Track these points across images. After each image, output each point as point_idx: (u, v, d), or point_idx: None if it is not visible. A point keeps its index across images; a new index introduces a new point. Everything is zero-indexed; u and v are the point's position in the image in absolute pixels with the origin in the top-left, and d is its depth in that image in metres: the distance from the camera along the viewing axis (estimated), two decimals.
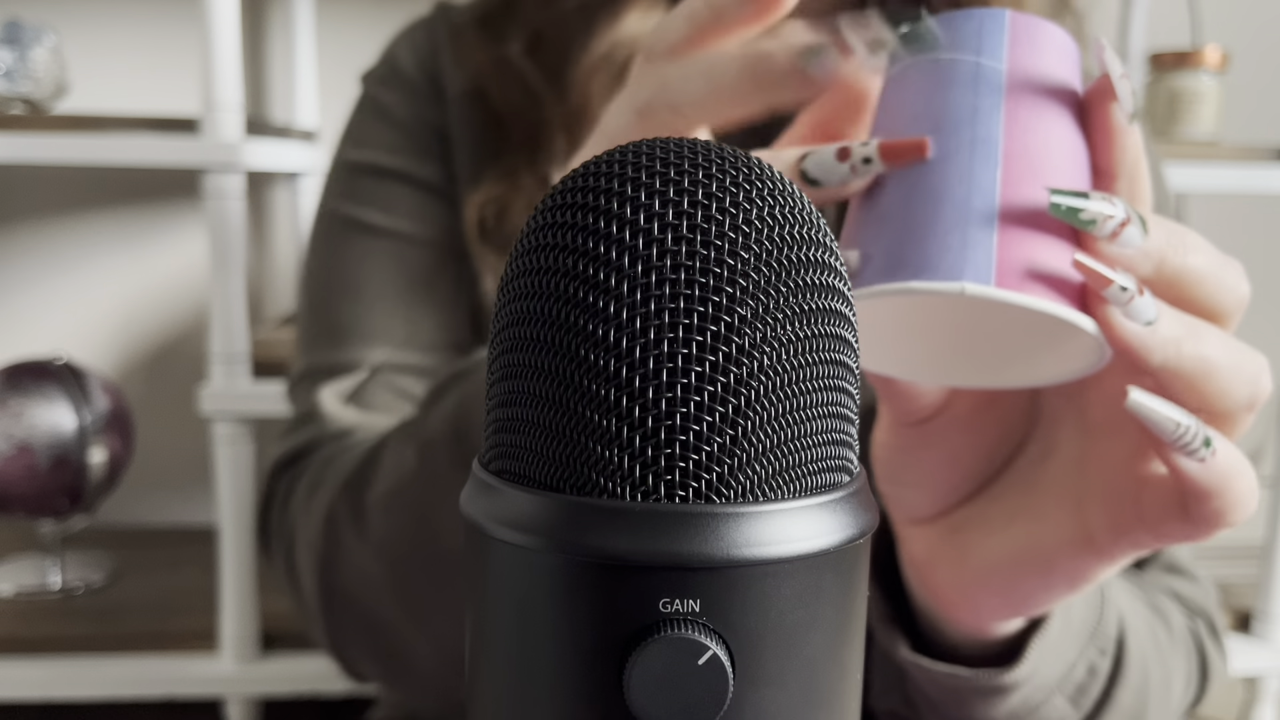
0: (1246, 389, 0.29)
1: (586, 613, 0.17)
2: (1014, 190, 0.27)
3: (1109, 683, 0.41)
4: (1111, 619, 0.41)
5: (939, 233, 0.27)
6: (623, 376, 0.17)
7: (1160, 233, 0.27)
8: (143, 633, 1.04)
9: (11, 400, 1.00)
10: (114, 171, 1.27)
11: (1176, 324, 0.27)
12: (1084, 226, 0.27)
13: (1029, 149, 0.28)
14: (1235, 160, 1.10)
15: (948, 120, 0.28)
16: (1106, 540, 0.32)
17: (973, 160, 0.28)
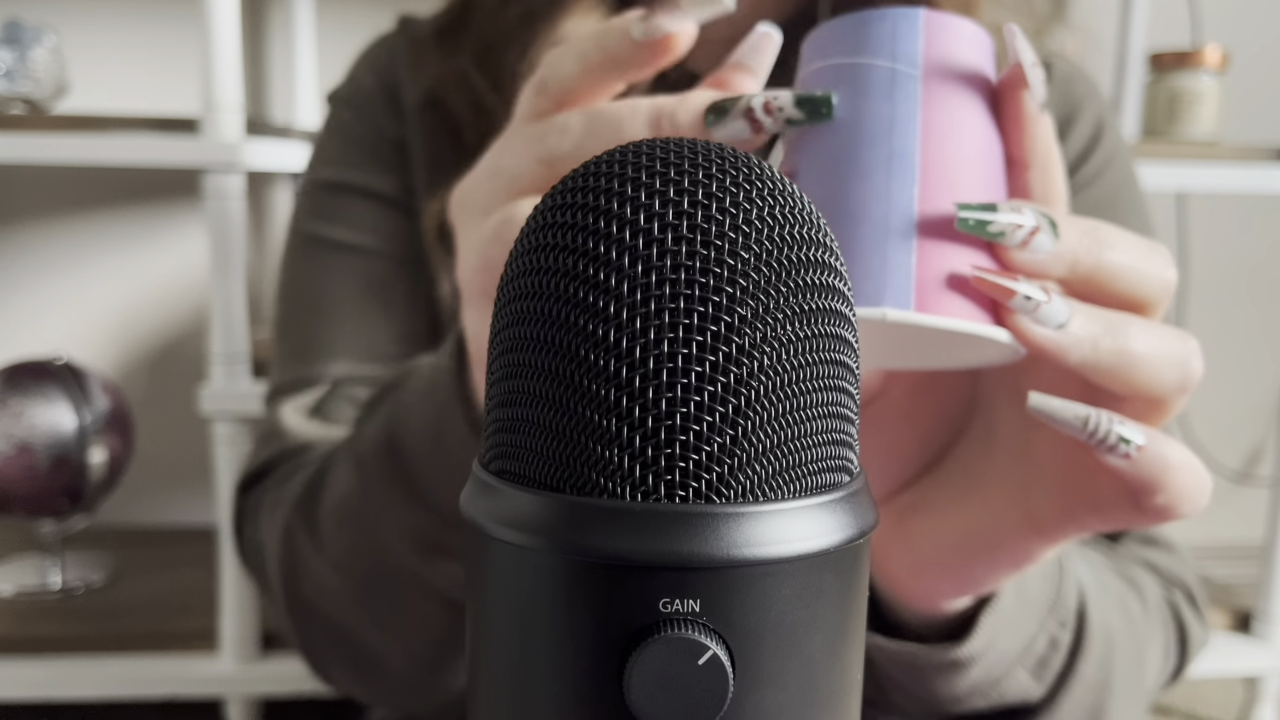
0: (1174, 374, 0.29)
1: (587, 613, 0.17)
2: (930, 204, 0.28)
3: (1071, 655, 0.42)
4: (1070, 591, 0.41)
5: (858, 255, 0.27)
6: (623, 376, 0.17)
7: (1073, 234, 0.28)
8: (143, 633, 1.04)
9: (11, 400, 1.00)
10: (114, 171, 1.27)
11: (1091, 322, 0.28)
12: (993, 238, 0.27)
13: (945, 159, 0.28)
14: (1235, 160, 1.10)
15: (864, 133, 0.28)
16: (1052, 523, 0.32)
17: (890, 177, 0.28)
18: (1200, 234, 1.45)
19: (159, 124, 0.97)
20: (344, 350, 0.57)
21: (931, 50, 0.29)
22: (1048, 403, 0.28)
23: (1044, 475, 0.32)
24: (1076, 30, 1.47)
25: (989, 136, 0.29)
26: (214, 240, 0.96)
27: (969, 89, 0.29)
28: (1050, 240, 0.28)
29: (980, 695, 0.40)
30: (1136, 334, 0.28)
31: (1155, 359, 0.28)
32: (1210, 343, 1.54)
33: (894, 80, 0.29)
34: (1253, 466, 1.56)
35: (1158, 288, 0.29)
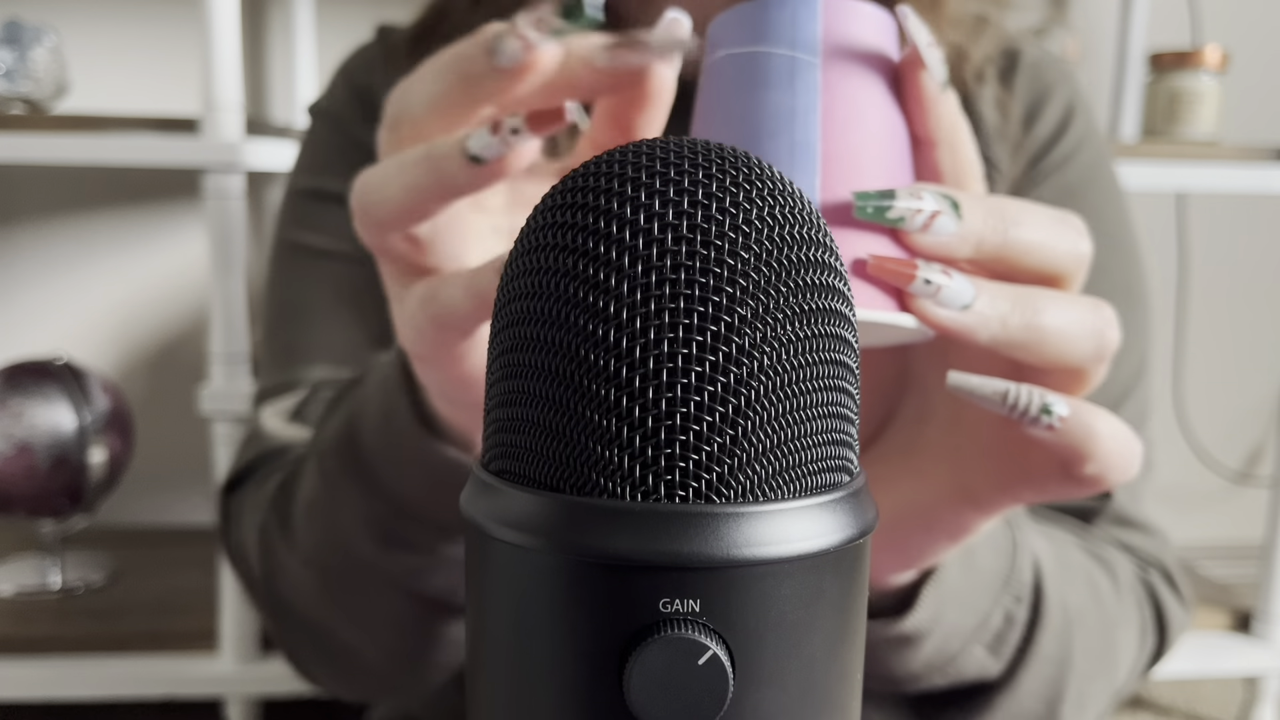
0: (1090, 345, 0.29)
1: (587, 613, 0.17)
2: (833, 193, 0.28)
3: (1028, 630, 0.42)
4: (1025, 566, 0.41)
5: None
6: (623, 376, 0.17)
7: (976, 213, 0.28)
8: (143, 633, 1.04)
9: (11, 400, 1.00)
10: (114, 171, 1.27)
11: (997, 300, 0.28)
12: (893, 224, 0.27)
13: (847, 147, 0.28)
14: (1235, 160, 1.10)
15: (766, 125, 0.28)
16: (985, 495, 0.33)
17: (792, 169, 0.28)
18: (1200, 234, 1.45)
19: (159, 124, 0.97)
20: (323, 354, 0.57)
21: (831, 35, 0.29)
22: (966, 380, 0.29)
23: (976, 447, 0.33)
24: (1076, 30, 1.47)
25: (892, 119, 0.29)
26: (214, 240, 0.96)
27: (870, 72, 0.29)
28: (952, 222, 0.28)
29: (938, 672, 0.40)
30: (1046, 307, 0.28)
31: (1067, 331, 0.29)
32: (1210, 343, 1.55)
33: (794, 69, 0.28)
34: (1253, 466, 1.56)
35: (1069, 261, 0.30)
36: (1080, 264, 0.30)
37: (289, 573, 0.49)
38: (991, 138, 0.53)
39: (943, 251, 0.28)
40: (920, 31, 0.29)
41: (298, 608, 0.50)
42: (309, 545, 0.47)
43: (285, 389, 0.58)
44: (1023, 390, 0.28)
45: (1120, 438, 0.30)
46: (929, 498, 0.34)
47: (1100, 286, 0.53)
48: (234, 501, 0.55)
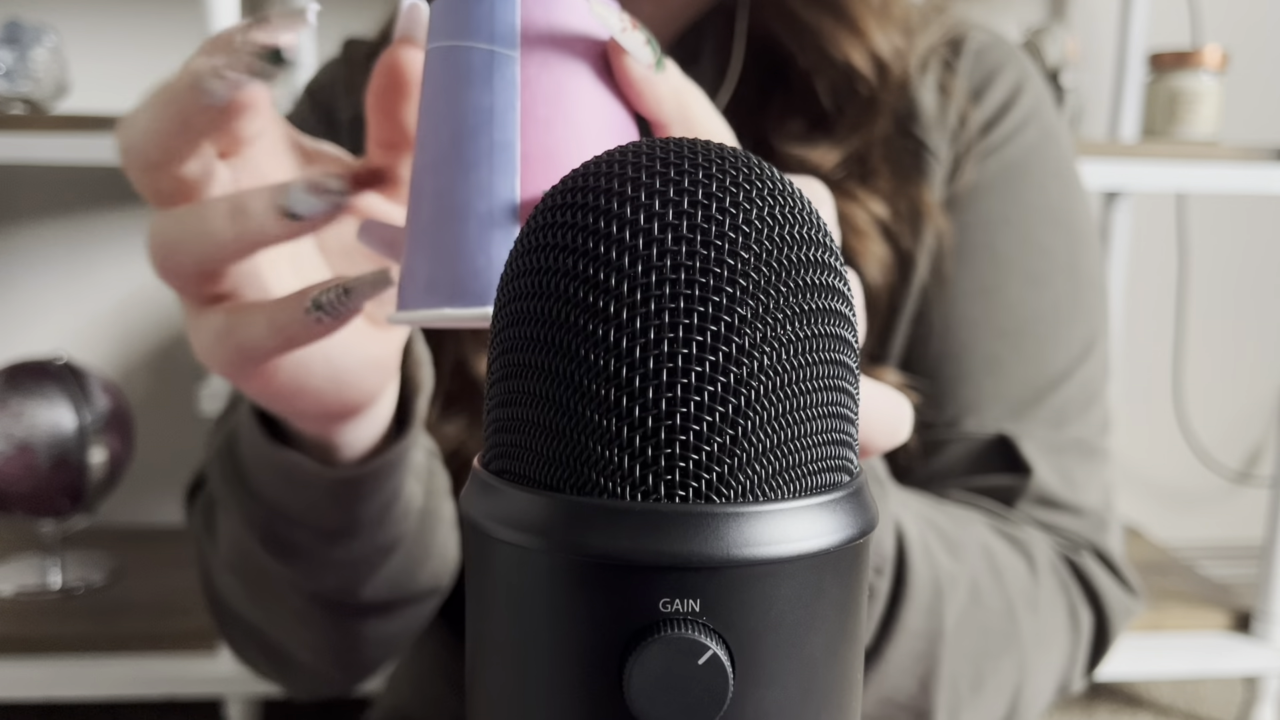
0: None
1: (586, 613, 0.17)
2: (532, 195, 0.27)
3: (891, 603, 0.41)
4: (884, 537, 0.41)
5: (466, 254, 0.27)
6: (623, 376, 0.17)
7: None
8: (143, 633, 1.04)
9: (11, 400, 1.00)
10: (114, 171, 1.27)
11: None
12: None
13: (548, 144, 0.27)
14: (1235, 160, 1.10)
15: (467, 125, 0.27)
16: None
17: (492, 171, 0.27)
18: (1200, 234, 1.45)
19: None
20: None
21: (530, 26, 0.28)
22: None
23: None
24: (1076, 30, 1.48)
25: (606, 106, 0.28)
26: None
27: (577, 62, 0.28)
28: None
29: None
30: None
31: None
32: (1210, 343, 1.55)
33: (492, 64, 0.28)
34: (1253, 466, 1.56)
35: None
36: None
37: (217, 575, 0.50)
38: (929, 125, 0.53)
39: None
40: (610, 17, 0.27)
41: (231, 608, 0.50)
42: (225, 550, 0.47)
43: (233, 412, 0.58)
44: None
45: (878, 402, 0.29)
46: None
47: (1043, 267, 0.52)
48: (191, 507, 0.56)
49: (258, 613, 0.49)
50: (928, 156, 0.52)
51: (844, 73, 0.52)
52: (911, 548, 0.42)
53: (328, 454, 0.39)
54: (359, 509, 0.40)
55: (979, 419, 0.51)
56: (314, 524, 0.41)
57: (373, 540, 0.42)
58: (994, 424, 0.51)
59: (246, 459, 0.41)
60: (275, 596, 0.46)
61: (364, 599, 0.45)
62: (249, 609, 0.49)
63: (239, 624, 0.51)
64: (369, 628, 0.48)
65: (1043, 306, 0.52)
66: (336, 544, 0.42)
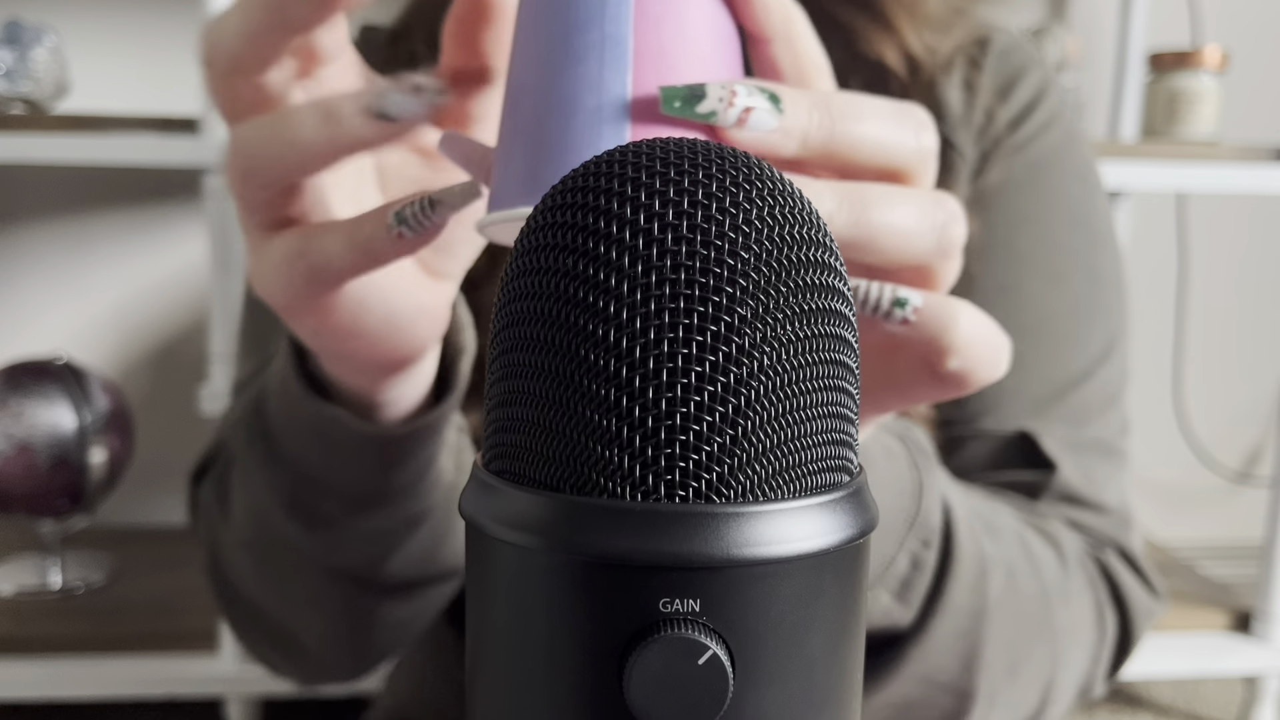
0: (929, 240, 0.28)
1: (587, 613, 0.17)
2: (644, 89, 0.26)
3: (938, 577, 0.41)
4: (933, 509, 0.40)
5: (573, 150, 0.26)
6: (623, 376, 0.17)
7: (799, 108, 0.27)
8: (143, 633, 1.04)
9: (11, 400, 1.00)
10: (114, 171, 1.27)
11: (824, 199, 0.27)
12: (704, 120, 0.26)
13: (661, 41, 0.27)
14: (1235, 160, 1.10)
15: (576, 17, 0.27)
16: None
17: (602, 65, 0.27)
18: (1200, 234, 1.45)
19: (159, 124, 0.97)
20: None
21: None
22: None
23: None
24: (1076, 30, 1.48)
25: (714, 13, 0.28)
26: (214, 240, 0.96)
27: None
28: (771, 117, 0.26)
29: None
30: (878, 203, 0.27)
31: (901, 227, 0.27)
32: (1210, 343, 1.55)
33: None
34: (1253, 466, 1.56)
35: (909, 153, 0.28)
36: (920, 158, 0.28)
37: (228, 554, 0.49)
38: (955, 123, 0.53)
39: (766, 149, 0.26)
40: None
41: (239, 591, 0.50)
42: (240, 524, 0.46)
43: (256, 377, 0.57)
44: (873, 285, 0.28)
45: (982, 328, 0.29)
46: None
47: (1063, 265, 0.53)
48: (198, 490, 0.55)
49: (268, 594, 0.48)
50: (954, 155, 0.53)
51: (876, 71, 0.52)
52: (958, 523, 0.41)
53: (369, 413, 0.38)
54: (394, 473, 0.39)
55: (1000, 416, 0.51)
56: (344, 489, 0.40)
57: (402, 510, 0.42)
58: (1015, 421, 0.51)
59: (278, 420, 0.40)
60: (290, 575, 0.46)
61: (386, 576, 0.44)
62: (258, 590, 0.48)
63: (245, 607, 0.50)
64: (385, 609, 0.47)
65: (1062, 305, 0.52)
66: (365, 513, 0.41)
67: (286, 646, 0.51)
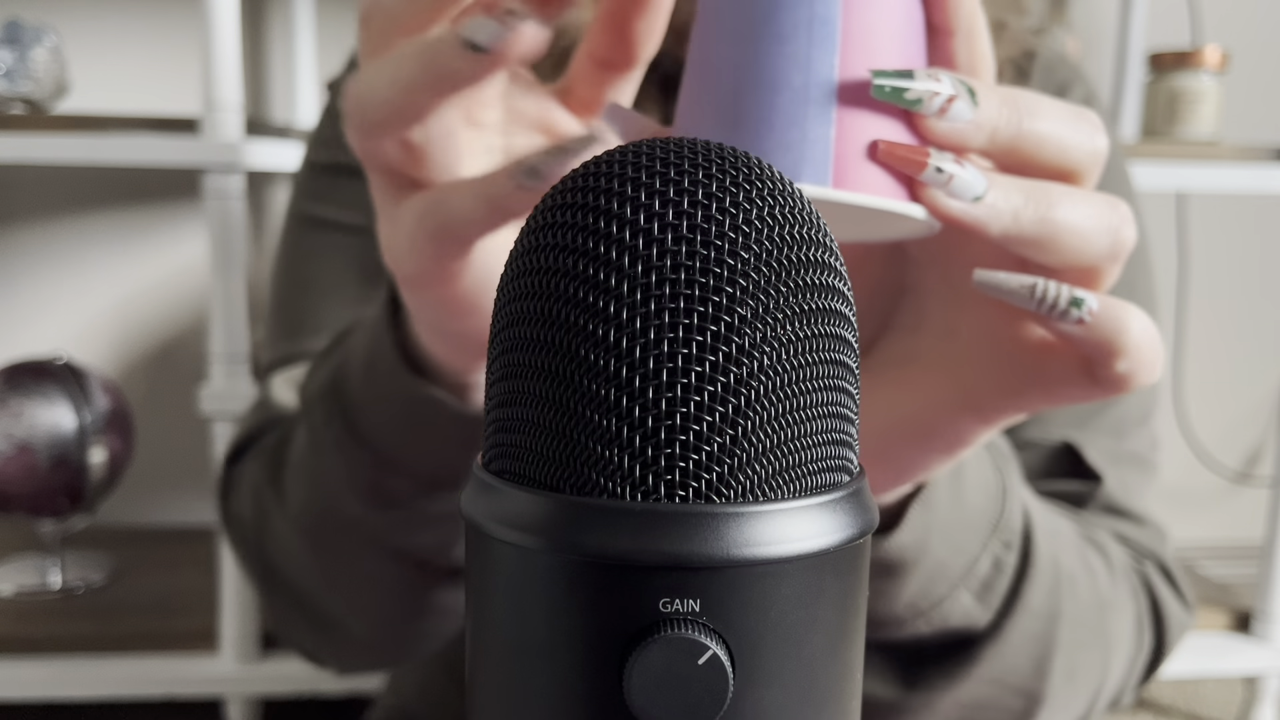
0: (1104, 241, 0.28)
1: (586, 613, 0.17)
2: (850, 73, 0.27)
3: (1017, 579, 0.41)
4: (1015, 513, 0.40)
5: (776, 127, 0.26)
6: (623, 376, 0.17)
7: (992, 102, 0.27)
8: (143, 633, 1.04)
9: (11, 400, 1.00)
10: (114, 171, 1.27)
11: (1010, 193, 0.27)
12: (910, 106, 0.26)
13: (866, 24, 0.27)
14: (1235, 160, 1.10)
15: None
16: (990, 403, 0.32)
17: (810, 44, 0.27)
18: (1200, 234, 1.45)
19: (159, 124, 0.97)
20: (334, 327, 0.57)
21: None
22: (992, 276, 0.28)
23: (976, 354, 0.32)
24: (1076, 30, 1.47)
25: (911, 2, 0.28)
26: (214, 240, 0.96)
27: None
28: (968, 108, 0.27)
29: (922, 618, 0.40)
30: (1061, 202, 0.27)
31: (1081, 227, 0.28)
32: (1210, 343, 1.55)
33: None
34: (1253, 466, 1.56)
35: (1084, 155, 0.29)
36: (1096, 160, 0.29)
37: (279, 537, 0.48)
38: None
39: (957, 139, 0.27)
40: None
41: (287, 574, 0.49)
42: (298, 505, 0.46)
43: (294, 359, 0.57)
44: (1050, 284, 0.28)
45: (1151, 333, 0.29)
46: (923, 408, 0.33)
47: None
48: (236, 471, 0.55)
49: (320, 577, 0.47)
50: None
51: None
52: (1036, 527, 0.41)
53: (459, 395, 0.38)
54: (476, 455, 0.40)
55: (1043, 426, 0.52)
56: (424, 471, 0.40)
57: None
58: (1059, 431, 0.51)
59: (361, 399, 0.40)
60: (349, 558, 0.45)
61: (453, 559, 0.44)
62: (310, 573, 0.48)
63: (288, 589, 0.50)
64: (443, 594, 0.47)
65: None
66: (441, 494, 0.41)
67: (331, 632, 0.50)
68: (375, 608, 0.48)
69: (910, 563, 0.38)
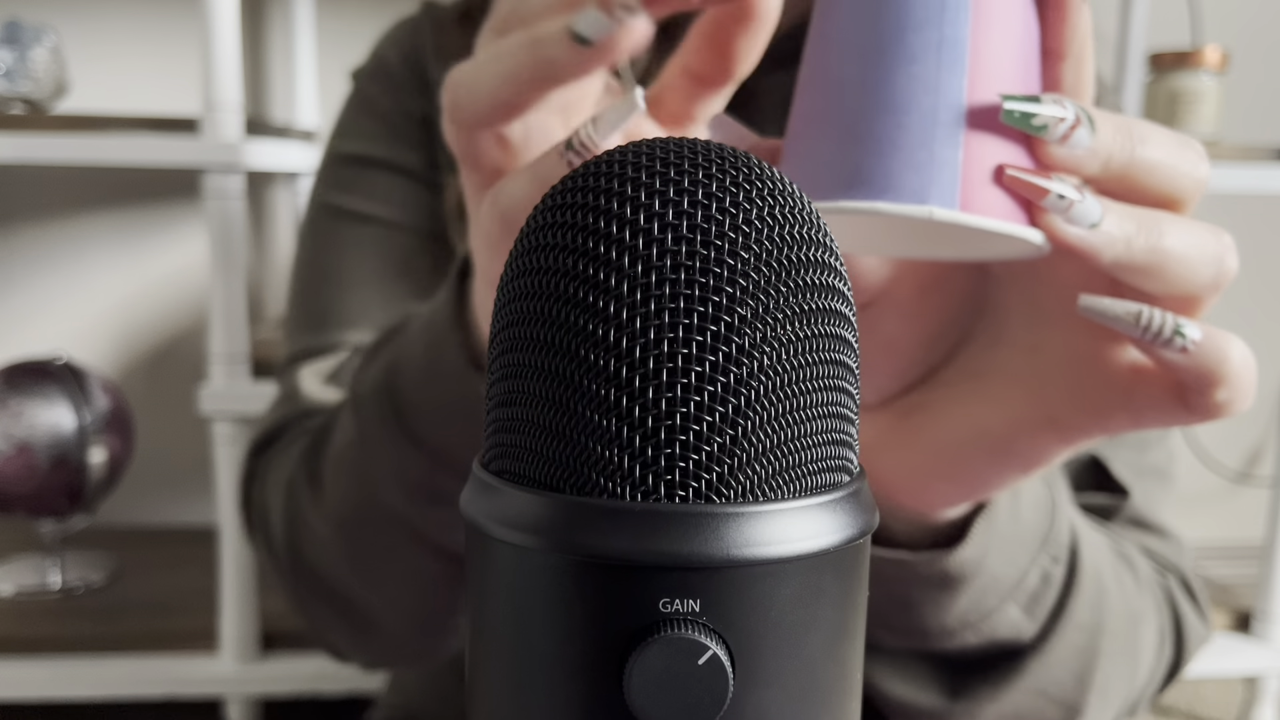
0: (1209, 271, 0.28)
1: (586, 613, 0.17)
2: (978, 96, 0.27)
3: (1063, 592, 0.41)
4: (1063, 528, 0.41)
5: (905, 148, 0.26)
6: (623, 376, 0.17)
7: (1108, 129, 0.27)
8: (143, 633, 1.04)
9: (11, 400, 1.00)
10: (114, 171, 1.27)
11: (1124, 221, 0.27)
12: (1036, 132, 0.27)
13: (992, 47, 0.27)
14: (1235, 160, 1.10)
15: (913, 16, 0.27)
16: (1072, 423, 0.32)
17: (940, 66, 0.27)
18: None
19: (159, 124, 0.97)
20: (364, 319, 0.57)
21: None
22: (1098, 302, 0.28)
23: (1061, 374, 0.32)
24: None
25: (1030, 23, 0.28)
26: (214, 240, 0.96)
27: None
28: (1088, 135, 0.27)
29: (971, 629, 0.40)
30: (1170, 231, 0.28)
31: (1189, 256, 0.28)
32: None
33: None
34: (1253, 466, 1.56)
35: (1190, 184, 0.29)
36: (1199, 188, 0.29)
37: (313, 531, 0.48)
38: None
39: (1074, 165, 0.27)
40: None
41: (319, 569, 0.49)
42: (336, 500, 0.46)
43: (320, 352, 0.57)
44: (1155, 312, 0.28)
45: (1249, 362, 0.29)
46: (1004, 424, 0.33)
47: None
48: (262, 461, 0.54)
49: (356, 571, 0.47)
50: None
51: None
52: (1082, 540, 0.41)
53: None
54: None
55: None
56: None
57: None
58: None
59: (421, 399, 0.40)
60: (388, 554, 0.45)
61: None
62: (344, 567, 0.48)
63: (320, 584, 0.50)
64: None
65: None
66: None
67: (361, 627, 0.50)
68: (411, 604, 0.47)
69: (969, 577, 0.38)
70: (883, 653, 0.43)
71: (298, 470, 0.49)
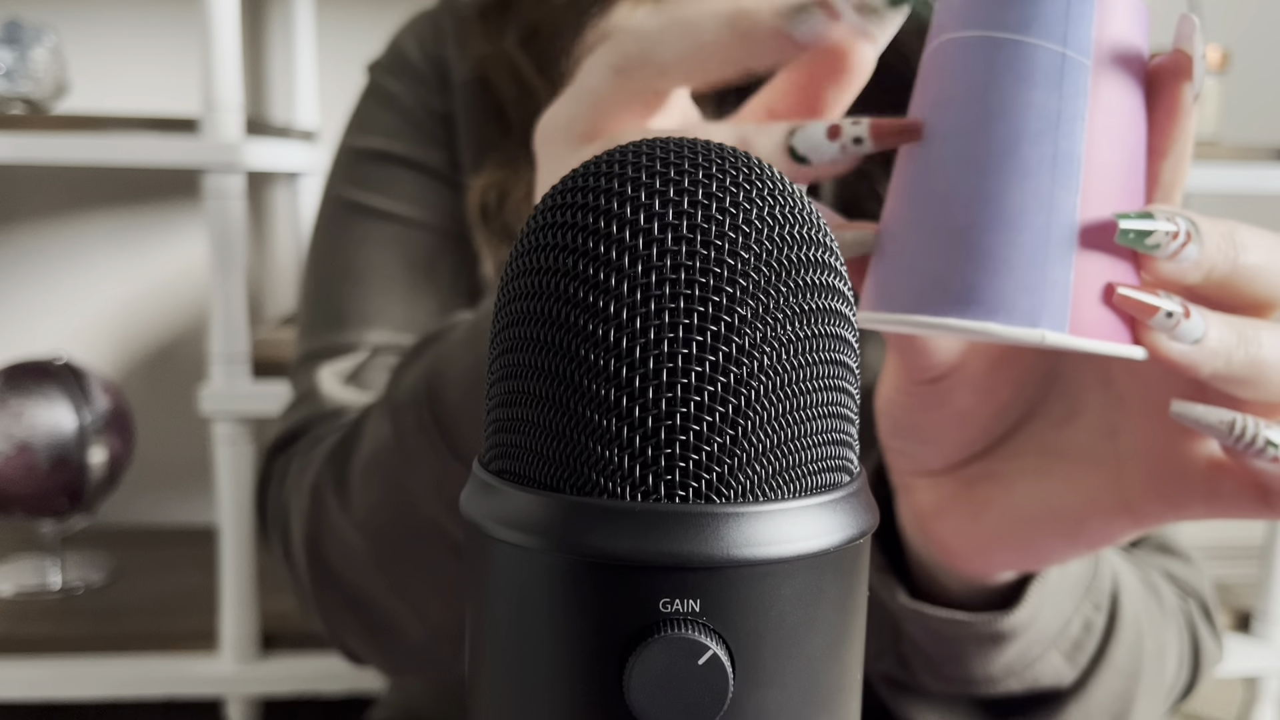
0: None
1: (586, 613, 0.17)
2: (1090, 213, 0.26)
3: (1104, 639, 0.41)
4: (1105, 575, 0.41)
5: (1018, 268, 0.26)
6: (623, 376, 0.17)
7: (1213, 239, 0.27)
8: (143, 633, 1.04)
9: (11, 400, 1.00)
10: (114, 171, 1.27)
11: (1226, 334, 0.27)
12: (1149, 251, 0.26)
13: (1107, 162, 0.26)
14: (1235, 160, 1.10)
15: (1029, 128, 0.26)
16: (1148, 508, 0.32)
17: (1054, 181, 0.26)
18: None
19: (159, 124, 0.97)
20: (384, 319, 0.56)
21: (1104, 34, 0.26)
22: (1192, 409, 0.28)
23: (1139, 461, 0.32)
24: None
25: (1139, 128, 0.27)
26: (214, 240, 0.96)
27: (1132, 78, 0.27)
28: (1197, 250, 0.26)
29: (1014, 676, 0.40)
30: (1268, 342, 0.27)
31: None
32: None
33: (1064, 68, 0.26)
34: None
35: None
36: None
37: (338, 536, 0.47)
38: None
39: (1178, 278, 0.27)
40: (1199, 42, 0.27)
41: (343, 574, 0.48)
42: (365, 506, 0.45)
43: (338, 351, 0.56)
44: (1249, 422, 0.28)
45: None
46: (1077, 505, 0.33)
47: None
48: (280, 461, 0.54)
49: (382, 579, 0.47)
50: None
51: None
52: (1122, 585, 0.42)
53: None
54: None
55: None
56: None
57: None
58: None
59: (466, 413, 0.40)
60: (418, 563, 0.45)
61: None
62: (369, 575, 0.47)
63: (342, 589, 0.49)
64: None
65: None
66: None
67: (386, 635, 0.50)
68: (439, 614, 0.47)
69: (1019, 633, 0.38)
70: (923, 692, 0.43)
71: (323, 474, 0.48)
